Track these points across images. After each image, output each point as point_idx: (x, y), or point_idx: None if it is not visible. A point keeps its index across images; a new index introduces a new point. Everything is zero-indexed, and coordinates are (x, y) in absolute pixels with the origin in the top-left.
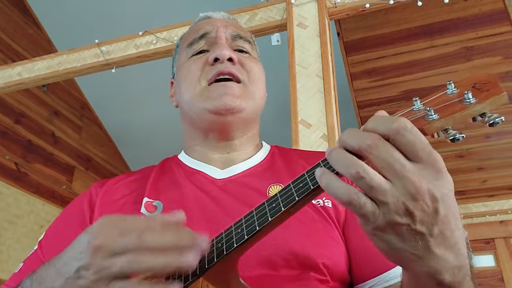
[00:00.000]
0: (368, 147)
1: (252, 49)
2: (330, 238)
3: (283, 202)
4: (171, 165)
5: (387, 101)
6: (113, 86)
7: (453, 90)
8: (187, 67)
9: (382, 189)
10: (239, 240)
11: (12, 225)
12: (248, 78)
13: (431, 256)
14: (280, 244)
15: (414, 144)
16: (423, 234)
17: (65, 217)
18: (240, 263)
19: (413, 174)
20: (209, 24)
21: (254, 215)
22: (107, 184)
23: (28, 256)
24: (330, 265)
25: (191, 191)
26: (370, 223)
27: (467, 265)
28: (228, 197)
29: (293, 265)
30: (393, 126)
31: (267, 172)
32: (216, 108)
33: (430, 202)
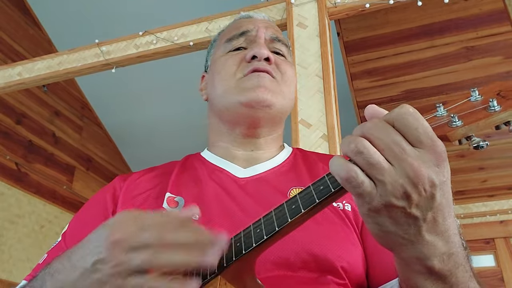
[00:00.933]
0: (369, 129)
1: (288, 54)
2: (349, 241)
3: (303, 204)
4: (193, 161)
5: (388, 101)
6: (114, 86)
7: (477, 97)
8: (223, 61)
9: (381, 167)
10: (258, 240)
11: (13, 225)
12: (282, 78)
13: (421, 241)
14: (299, 246)
15: (416, 128)
16: (416, 219)
17: (89, 209)
18: (258, 264)
19: (413, 158)
20: (250, 23)
21: (274, 215)
22: (130, 178)
23: (51, 248)
24: (349, 269)
25: (212, 189)
26: (366, 203)
27: (459, 254)
28: (248, 196)
29: (311, 268)
30: (395, 110)
31: (290, 174)
32: (249, 100)
33: (429, 188)
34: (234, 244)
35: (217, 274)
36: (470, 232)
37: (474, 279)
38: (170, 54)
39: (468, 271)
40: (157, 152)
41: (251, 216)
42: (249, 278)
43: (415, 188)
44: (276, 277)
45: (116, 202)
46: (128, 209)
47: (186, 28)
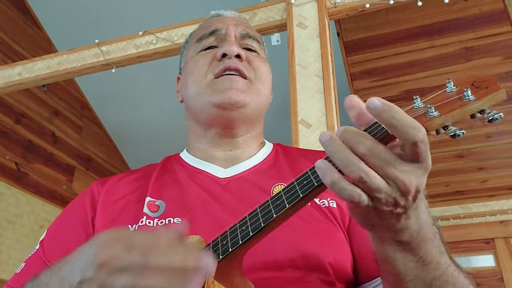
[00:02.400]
0: (361, 155)
1: (260, 49)
2: (335, 238)
3: (287, 199)
4: (173, 164)
5: (388, 101)
6: (113, 86)
7: (452, 88)
8: (194, 62)
9: (379, 190)
10: (244, 237)
11: (12, 225)
12: (255, 76)
13: (397, 225)
14: (287, 245)
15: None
16: (399, 214)
17: (67, 217)
18: (247, 266)
19: (404, 174)
20: (220, 22)
21: (259, 212)
22: (108, 182)
23: (29, 256)
24: (336, 265)
25: (194, 191)
26: (359, 209)
27: (427, 230)
28: (231, 196)
29: (298, 265)
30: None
31: (271, 171)
32: (221, 101)
33: (415, 193)
34: (220, 243)
35: None
36: (470, 232)
37: (446, 255)
38: (170, 54)
39: (437, 246)
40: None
41: (235, 216)
42: (236, 276)
43: (405, 197)
44: (264, 279)
45: (95, 208)
46: (106, 218)
47: (186, 28)
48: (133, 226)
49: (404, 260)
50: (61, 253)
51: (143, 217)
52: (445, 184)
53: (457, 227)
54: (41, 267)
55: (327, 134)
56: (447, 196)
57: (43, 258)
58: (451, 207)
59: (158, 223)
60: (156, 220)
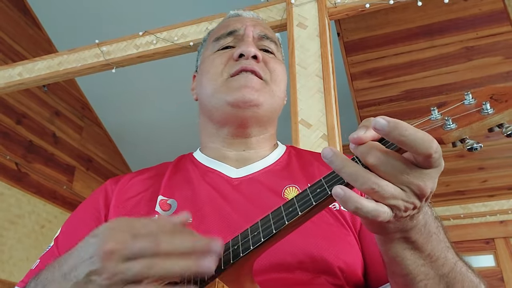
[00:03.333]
0: (372, 166)
1: (277, 51)
2: (346, 242)
3: (300, 207)
4: (185, 163)
5: (388, 101)
6: (114, 86)
7: (471, 100)
8: (211, 61)
9: (394, 196)
10: (256, 243)
11: (13, 225)
12: (271, 77)
13: (410, 224)
14: (296, 247)
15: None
16: (413, 215)
17: (81, 214)
18: (255, 267)
19: (418, 178)
20: (238, 22)
21: (271, 218)
22: (121, 181)
23: (44, 253)
24: (346, 269)
25: (205, 190)
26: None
27: (431, 224)
28: (242, 197)
29: (307, 268)
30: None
31: (284, 172)
32: (235, 100)
33: (429, 194)
34: (231, 247)
35: (214, 277)
36: (470, 232)
37: (452, 250)
38: (170, 54)
39: (442, 240)
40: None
41: (245, 217)
42: (246, 281)
43: (420, 199)
44: (272, 280)
45: (108, 205)
46: (119, 216)
47: (186, 28)
48: None
49: (413, 258)
50: None
51: (154, 215)
52: (446, 184)
53: (457, 227)
54: None
55: (328, 150)
56: (447, 196)
57: (57, 254)
58: (451, 207)
59: None
60: None
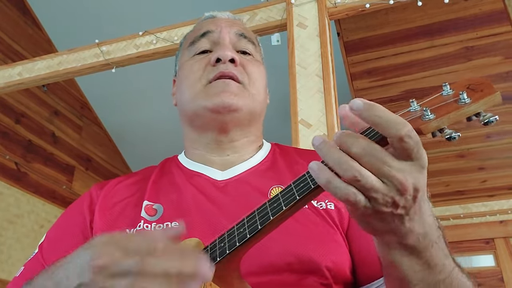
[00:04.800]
0: (356, 156)
1: (255, 51)
2: (333, 241)
3: (284, 202)
4: (170, 166)
5: (388, 101)
6: (113, 86)
7: (449, 91)
8: (189, 66)
9: (375, 189)
10: (242, 238)
11: (12, 225)
12: (249, 81)
13: (402, 228)
14: (283, 248)
15: (412, 150)
16: (401, 216)
17: (65, 220)
18: (244, 270)
19: (400, 172)
20: (213, 24)
21: (256, 214)
22: (107, 186)
23: (28, 260)
24: (333, 268)
25: (191, 194)
26: (359, 212)
27: (433, 233)
28: (228, 199)
29: (295, 269)
30: (401, 132)
31: (269, 172)
32: (214, 105)
33: (412, 192)
34: (218, 245)
35: None
36: (470, 232)
37: (449, 258)
38: (170, 54)
39: (442, 249)
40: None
41: (231, 219)
42: (234, 278)
43: (402, 196)
44: (261, 284)
45: (93, 211)
46: (105, 221)
47: (186, 28)
48: (131, 231)
49: (410, 264)
50: (59, 257)
51: (140, 221)
52: (445, 184)
53: (457, 227)
54: (40, 271)
55: (319, 137)
56: (447, 196)
57: (42, 261)
58: (451, 207)
59: (156, 227)
60: (154, 224)
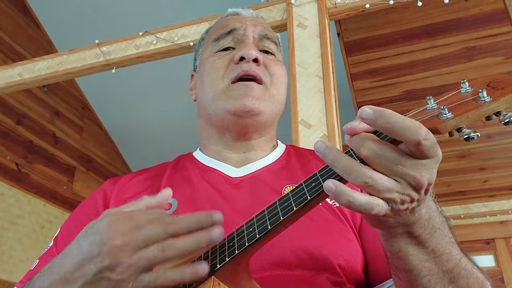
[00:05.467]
0: (366, 158)
1: (277, 51)
2: (345, 238)
3: (295, 202)
4: (185, 162)
5: (388, 101)
6: (114, 86)
7: (467, 88)
8: (211, 63)
9: (389, 189)
10: (251, 239)
11: (13, 225)
12: (271, 81)
13: (411, 218)
14: (295, 244)
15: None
16: (413, 208)
17: (80, 214)
18: (254, 263)
19: (414, 170)
20: (238, 21)
21: (266, 214)
22: (120, 181)
23: (43, 253)
24: (346, 266)
25: (205, 189)
26: (376, 216)
27: (436, 218)
28: (241, 195)
29: (307, 266)
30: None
31: (283, 171)
32: (236, 109)
33: (427, 186)
34: (227, 244)
35: (211, 274)
36: (470, 232)
37: (456, 246)
38: (170, 55)
39: (447, 235)
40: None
41: (244, 216)
42: (243, 277)
43: (418, 191)
44: (272, 277)
45: (107, 205)
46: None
47: (186, 28)
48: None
49: (416, 253)
50: None
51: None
52: (447, 184)
53: (458, 227)
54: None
55: (320, 143)
56: (448, 196)
57: (56, 254)
58: (452, 207)
59: None
60: None
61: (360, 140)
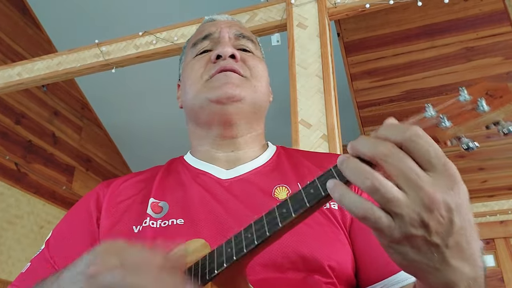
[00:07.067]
0: (383, 155)
1: (255, 49)
2: (336, 240)
3: (293, 208)
4: (177, 165)
5: (388, 101)
6: (113, 86)
7: (466, 97)
8: (191, 66)
9: (397, 201)
10: (249, 245)
11: (12, 225)
12: (251, 74)
13: (447, 267)
14: (287, 247)
15: (428, 152)
16: (438, 246)
17: (72, 217)
18: (248, 268)
19: (427, 185)
20: (213, 26)
21: (264, 220)
22: (113, 184)
23: (35, 256)
24: (337, 268)
25: (196, 192)
26: (385, 236)
27: (482, 277)
28: (233, 198)
29: (299, 268)
30: (406, 134)
31: (274, 173)
32: (218, 96)
33: (445, 213)
34: (225, 250)
35: (208, 280)
36: None
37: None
38: (170, 54)
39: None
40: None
41: (237, 218)
42: (241, 283)
43: (431, 214)
44: (264, 280)
45: (100, 208)
46: (111, 218)
47: (186, 28)
48: (137, 227)
49: None
50: (65, 253)
51: (146, 218)
52: None
53: None
54: (46, 267)
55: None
56: None
57: (48, 257)
58: None
59: (161, 224)
60: (159, 221)
61: (377, 139)
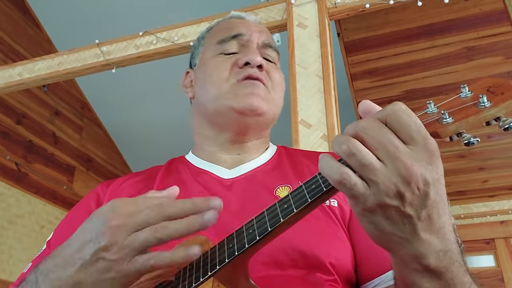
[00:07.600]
0: (363, 128)
1: (277, 60)
2: (336, 237)
3: (295, 204)
4: (177, 165)
5: (388, 101)
6: (114, 86)
7: (467, 93)
8: (214, 64)
9: (373, 168)
10: (251, 240)
11: (13, 225)
12: (272, 86)
13: (417, 239)
14: (287, 244)
15: (409, 125)
16: (411, 217)
17: (73, 218)
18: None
19: (406, 156)
20: (243, 26)
21: (266, 216)
22: (113, 184)
23: (36, 256)
24: (337, 265)
25: (197, 191)
26: (360, 203)
27: (454, 250)
28: (234, 197)
29: (299, 265)
30: (388, 107)
31: (275, 172)
32: (243, 107)
33: (422, 186)
34: (226, 245)
35: (210, 275)
36: (470, 232)
37: (467, 273)
38: (170, 54)
39: (462, 266)
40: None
41: (237, 217)
42: (242, 278)
43: (408, 186)
44: (265, 277)
45: None
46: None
47: (186, 28)
48: None
49: (430, 286)
50: None
51: None
52: (446, 184)
53: (458, 227)
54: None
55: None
56: (448, 196)
57: None
58: (451, 207)
59: None
60: None
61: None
